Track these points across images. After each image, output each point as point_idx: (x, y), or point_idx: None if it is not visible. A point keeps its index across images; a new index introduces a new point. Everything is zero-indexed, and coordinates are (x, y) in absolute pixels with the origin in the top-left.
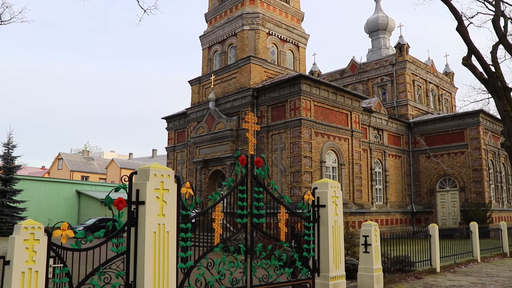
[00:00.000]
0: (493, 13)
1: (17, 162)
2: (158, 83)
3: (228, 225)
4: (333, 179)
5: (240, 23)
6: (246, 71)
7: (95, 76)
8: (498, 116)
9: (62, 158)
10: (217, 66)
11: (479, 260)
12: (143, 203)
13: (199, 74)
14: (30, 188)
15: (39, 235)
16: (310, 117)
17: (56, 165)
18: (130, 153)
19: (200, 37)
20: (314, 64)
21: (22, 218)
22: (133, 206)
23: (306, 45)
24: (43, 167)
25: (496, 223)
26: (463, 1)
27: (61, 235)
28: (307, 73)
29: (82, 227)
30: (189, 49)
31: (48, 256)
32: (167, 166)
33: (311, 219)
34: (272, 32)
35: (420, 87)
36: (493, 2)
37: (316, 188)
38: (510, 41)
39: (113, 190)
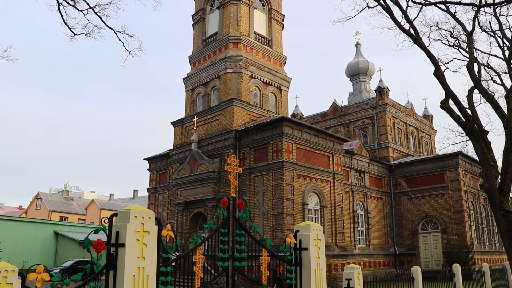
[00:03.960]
0: (467, 59)
1: None
2: (140, 123)
3: (209, 268)
4: (315, 222)
5: (223, 66)
6: (229, 113)
7: (77, 115)
8: (477, 158)
9: (40, 198)
10: (200, 108)
11: None
12: (122, 245)
13: (182, 115)
14: (5, 228)
15: (13, 278)
16: (292, 159)
17: (34, 204)
18: (110, 194)
19: (183, 79)
20: (296, 106)
21: None
22: (113, 249)
23: (288, 88)
24: (20, 207)
25: (478, 264)
26: (439, 47)
27: (36, 278)
28: (289, 116)
29: (59, 270)
30: (171, 91)
31: None
32: (148, 208)
33: (293, 262)
34: (255, 75)
35: (401, 129)
36: (467, 49)
37: (298, 230)
38: (484, 86)
39: (93, 232)
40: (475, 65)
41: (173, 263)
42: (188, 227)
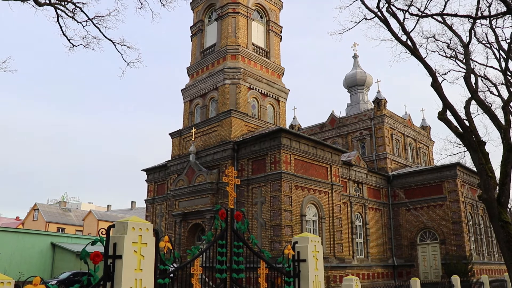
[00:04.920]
0: (464, 71)
1: None
2: (138, 134)
3: (207, 280)
4: (313, 233)
5: (221, 77)
6: (227, 124)
7: (75, 126)
8: (475, 169)
9: (38, 209)
10: (198, 119)
11: None
12: (120, 257)
13: (180, 126)
14: (2, 239)
15: None
16: (290, 170)
17: (31, 215)
18: (108, 205)
19: (181, 90)
20: (294, 118)
21: None
22: (110, 260)
23: (286, 99)
24: (17, 218)
25: (477, 276)
26: (437, 58)
27: None
28: (287, 127)
29: (56, 281)
30: (169, 102)
31: None
32: (146, 219)
33: (292, 274)
34: (253, 87)
35: (398, 140)
36: (464, 61)
37: (296, 242)
38: (481, 97)
39: (90, 243)
40: (472, 76)
41: (171, 275)
42: (186, 239)
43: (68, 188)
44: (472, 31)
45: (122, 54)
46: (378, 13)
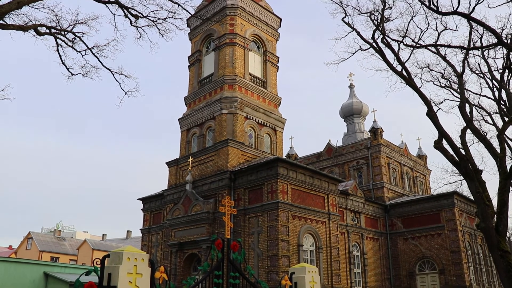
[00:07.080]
0: (459, 100)
1: None
2: (134, 163)
3: None
4: (311, 263)
5: (218, 107)
6: (224, 154)
7: (70, 154)
8: (472, 198)
9: (31, 238)
10: (195, 148)
11: None
12: None
13: (177, 155)
14: None
15: None
16: (287, 200)
17: (25, 244)
18: (103, 234)
19: (179, 119)
20: (291, 147)
21: None
22: None
23: (283, 129)
24: (10, 247)
25: None
26: (431, 88)
27: None
28: (284, 157)
29: None
30: (166, 131)
31: None
32: (142, 248)
33: None
34: (250, 116)
35: (395, 169)
36: (458, 90)
37: (293, 273)
38: (476, 125)
39: (84, 274)
40: (467, 105)
41: None
42: (181, 269)
43: (63, 216)
44: (465, 61)
45: (120, 83)
46: (373, 44)
